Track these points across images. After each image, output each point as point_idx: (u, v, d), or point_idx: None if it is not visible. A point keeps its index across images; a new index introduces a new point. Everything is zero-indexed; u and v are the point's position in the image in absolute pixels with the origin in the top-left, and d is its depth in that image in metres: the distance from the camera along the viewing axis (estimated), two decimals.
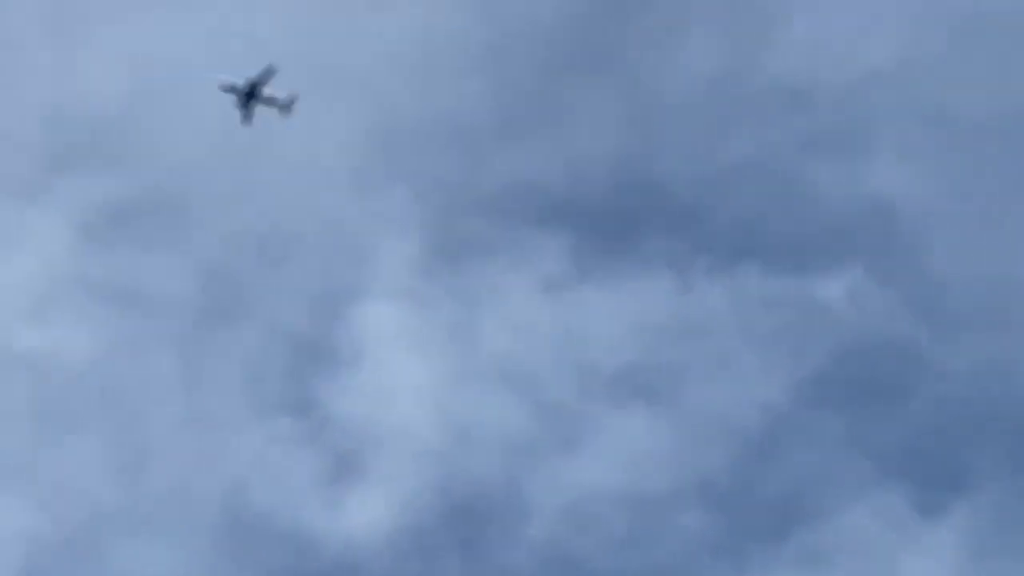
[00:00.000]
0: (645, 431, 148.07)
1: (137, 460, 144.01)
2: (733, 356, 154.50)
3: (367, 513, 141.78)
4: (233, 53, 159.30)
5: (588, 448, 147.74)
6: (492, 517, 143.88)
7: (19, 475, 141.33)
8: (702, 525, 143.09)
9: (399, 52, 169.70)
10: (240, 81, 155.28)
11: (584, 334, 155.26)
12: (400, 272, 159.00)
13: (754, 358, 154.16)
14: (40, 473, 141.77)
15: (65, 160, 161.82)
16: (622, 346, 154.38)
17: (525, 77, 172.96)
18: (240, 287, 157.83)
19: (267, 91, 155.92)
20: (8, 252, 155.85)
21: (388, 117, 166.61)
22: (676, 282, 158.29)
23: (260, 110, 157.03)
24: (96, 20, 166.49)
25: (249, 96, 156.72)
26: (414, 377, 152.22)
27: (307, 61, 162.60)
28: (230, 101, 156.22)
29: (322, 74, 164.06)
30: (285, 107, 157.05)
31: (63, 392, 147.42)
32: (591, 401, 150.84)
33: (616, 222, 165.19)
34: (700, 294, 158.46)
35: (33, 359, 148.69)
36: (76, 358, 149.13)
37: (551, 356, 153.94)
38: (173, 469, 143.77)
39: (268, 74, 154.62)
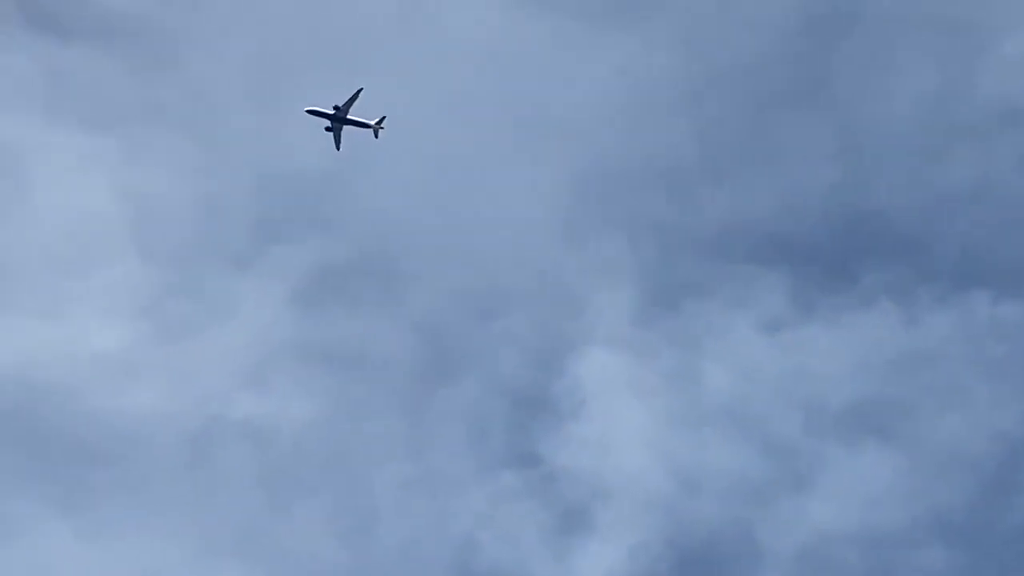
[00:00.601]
0: (877, 468, 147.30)
1: (364, 522, 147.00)
2: (965, 386, 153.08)
3: (597, 565, 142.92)
4: (438, 110, 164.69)
5: (819, 488, 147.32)
6: (725, 563, 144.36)
7: (247, 542, 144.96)
8: (943, 563, 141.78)
9: (603, 98, 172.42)
10: (327, 108, 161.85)
11: (808, 372, 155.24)
12: (617, 319, 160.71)
13: (987, 387, 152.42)
14: (268, 539, 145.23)
15: (275, 227, 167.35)
16: (848, 382, 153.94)
17: (731, 115, 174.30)
18: (457, 344, 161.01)
19: (354, 115, 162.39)
20: (224, 320, 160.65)
21: (595, 163, 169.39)
22: (901, 314, 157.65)
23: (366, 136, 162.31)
24: (299, 85, 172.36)
25: (337, 120, 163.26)
26: (637, 425, 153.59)
27: (513, 111, 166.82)
28: (319, 125, 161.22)
29: (527, 123, 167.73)
30: (374, 129, 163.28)
31: (286, 458, 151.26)
32: (820, 440, 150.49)
33: (834, 256, 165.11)
34: (927, 325, 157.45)
35: (254, 426, 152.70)
36: (297, 423, 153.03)
37: (776, 396, 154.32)
38: (401, 529, 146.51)
39: (354, 99, 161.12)
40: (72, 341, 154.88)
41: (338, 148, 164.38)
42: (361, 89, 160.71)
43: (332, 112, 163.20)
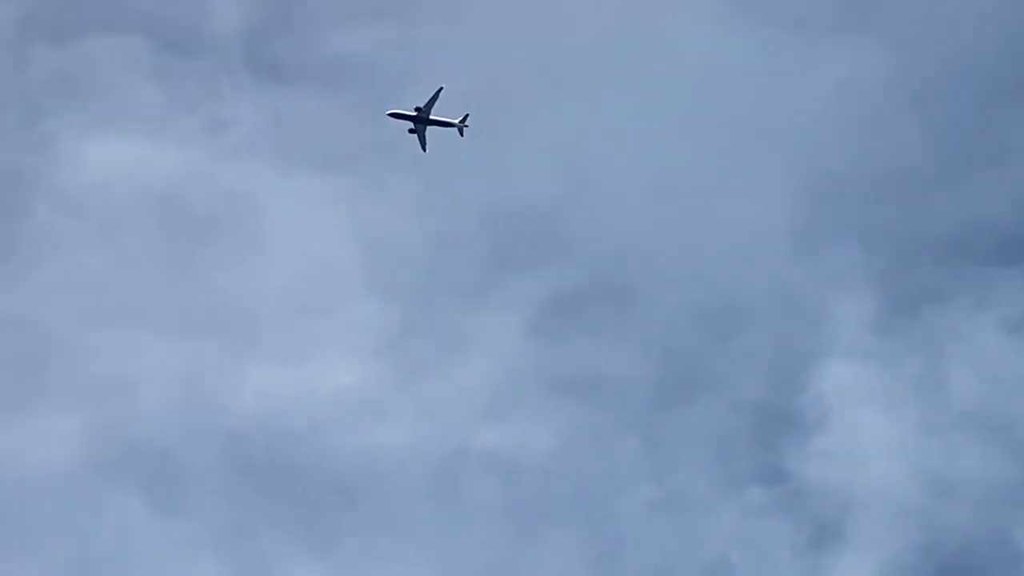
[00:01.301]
0: None
1: (612, 548, 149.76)
2: None
3: None
4: (659, 127, 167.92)
5: None
6: (982, 571, 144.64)
7: (497, 573, 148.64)
8: None
9: (827, 105, 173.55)
10: (409, 109, 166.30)
11: None
12: (857, 329, 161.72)
13: None
14: (517, 569, 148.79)
15: (507, 257, 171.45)
16: None
17: (960, 115, 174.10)
18: (696, 363, 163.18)
19: (436, 115, 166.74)
20: (462, 353, 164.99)
21: (823, 171, 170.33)
22: None
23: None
24: (520, 114, 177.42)
25: (420, 121, 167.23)
26: (884, 434, 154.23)
27: (735, 124, 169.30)
28: (403, 128, 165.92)
29: (750, 136, 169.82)
30: (459, 127, 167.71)
31: (531, 487, 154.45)
32: None
33: None
34: None
35: (497, 457, 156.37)
36: (540, 452, 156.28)
37: None
38: (650, 554, 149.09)
39: (435, 99, 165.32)
40: (315, 382, 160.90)
41: (424, 149, 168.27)
42: (441, 88, 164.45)
43: (414, 114, 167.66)
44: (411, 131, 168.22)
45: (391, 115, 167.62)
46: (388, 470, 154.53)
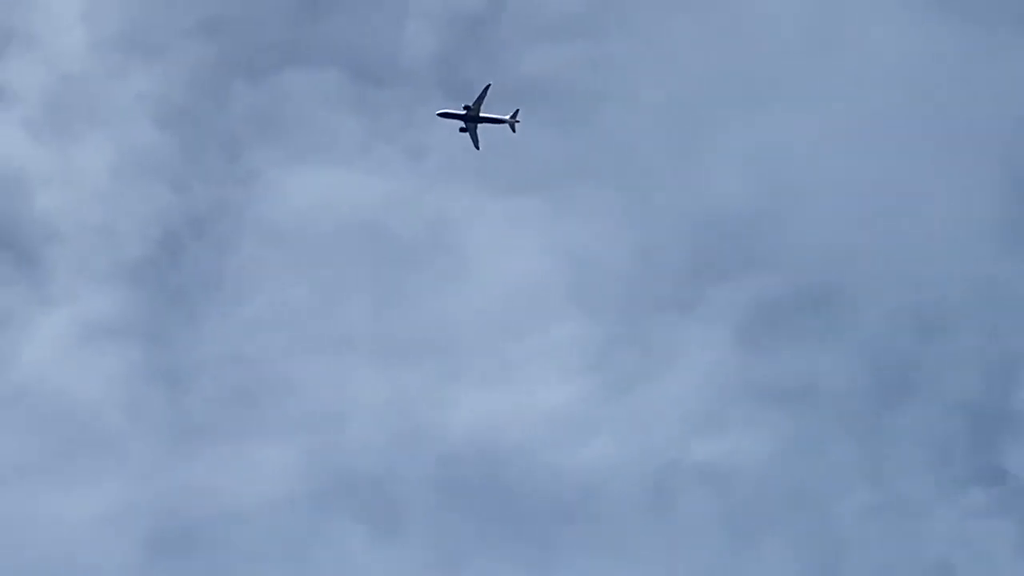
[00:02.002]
0: None
1: (832, 555, 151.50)
2: None
3: None
4: (857, 131, 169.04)
5: None
6: None
7: None
8: None
9: None
10: (459, 109, 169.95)
11: None
12: None
13: None
14: None
15: (711, 267, 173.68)
16: None
17: None
18: (908, 365, 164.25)
19: (486, 112, 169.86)
20: (671, 366, 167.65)
21: None
22: None
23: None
24: (713, 125, 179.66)
25: (470, 120, 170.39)
26: None
27: (934, 123, 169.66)
28: (453, 128, 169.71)
29: (951, 133, 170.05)
30: (510, 124, 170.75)
31: (747, 497, 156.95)
32: None
33: None
34: None
35: (712, 469, 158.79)
36: (754, 461, 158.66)
37: None
38: (871, 558, 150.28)
39: (483, 96, 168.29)
40: (524, 402, 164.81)
41: (477, 147, 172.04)
42: (489, 85, 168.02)
43: (464, 112, 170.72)
44: (462, 130, 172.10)
45: (441, 115, 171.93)
46: (602, 486, 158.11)
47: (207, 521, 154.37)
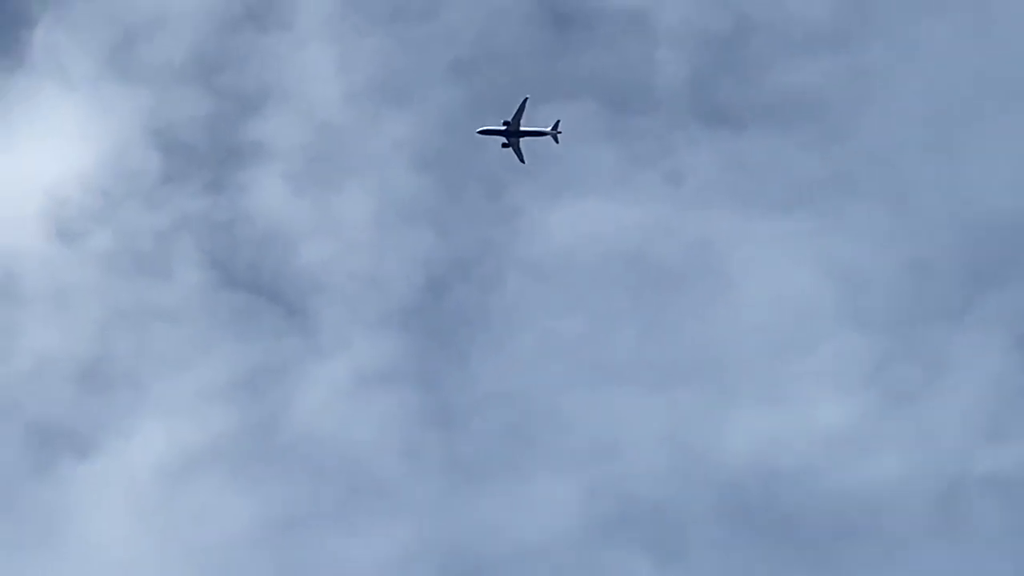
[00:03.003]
0: None
1: None
2: None
3: None
4: None
5: None
6: None
7: None
8: None
9: None
10: (498, 125, 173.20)
11: None
12: None
13: None
14: None
15: (985, 275, 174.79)
16: None
17: None
18: None
19: (526, 126, 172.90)
20: (948, 376, 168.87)
21: None
22: None
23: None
24: (984, 127, 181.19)
25: (511, 135, 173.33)
26: None
27: None
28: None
29: None
30: (553, 135, 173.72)
31: None
32: None
33: None
34: None
35: (1000, 480, 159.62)
36: None
37: None
38: None
39: (522, 109, 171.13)
40: (802, 421, 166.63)
41: (523, 161, 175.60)
42: (527, 98, 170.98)
43: (504, 128, 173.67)
44: (504, 146, 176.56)
45: (481, 132, 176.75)
46: (886, 504, 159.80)
47: (491, 560, 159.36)
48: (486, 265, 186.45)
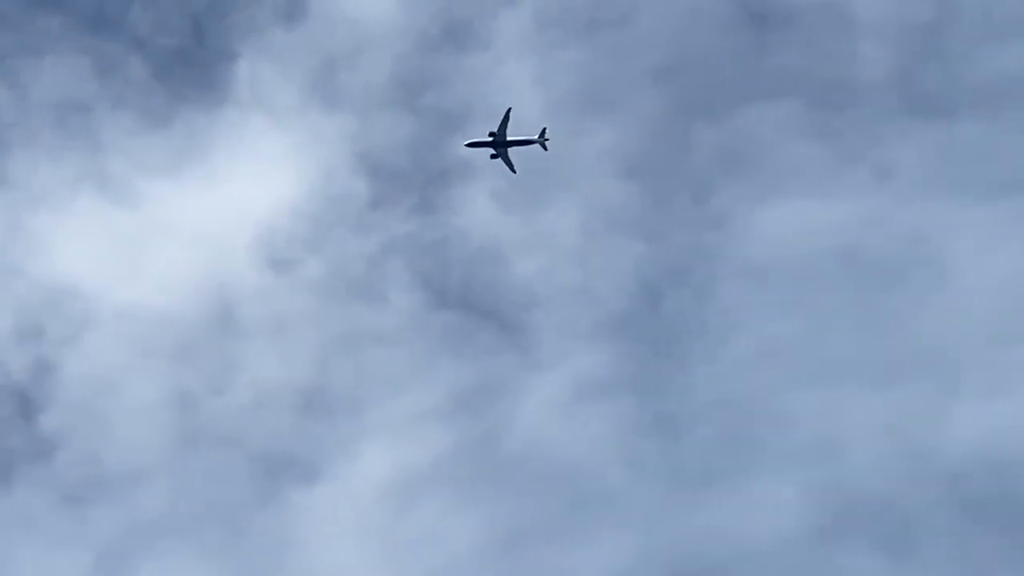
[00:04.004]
0: None
1: None
2: None
3: None
4: None
5: None
6: None
7: None
8: None
9: None
10: (483, 137, 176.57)
11: None
12: None
13: None
14: None
15: None
16: None
17: None
18: None
19: (512, 135, 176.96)
20: None
21: None
22: None
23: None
24: None
25: (498, 145, 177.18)
26: None
27: None
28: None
29: None
30: (540, 143, 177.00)
31: None
32: None
33: None
34: None
35: None
36: None
37: None
38: None
39: (506, 120, 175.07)
40: None
41: (513, 171, 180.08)
42: (510, 109, 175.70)
43: (490, 139, 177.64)
44: (493, 157, 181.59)
45: (468, 145, 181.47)
46: None
47: (717, 565, 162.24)
48: (698, 270, 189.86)
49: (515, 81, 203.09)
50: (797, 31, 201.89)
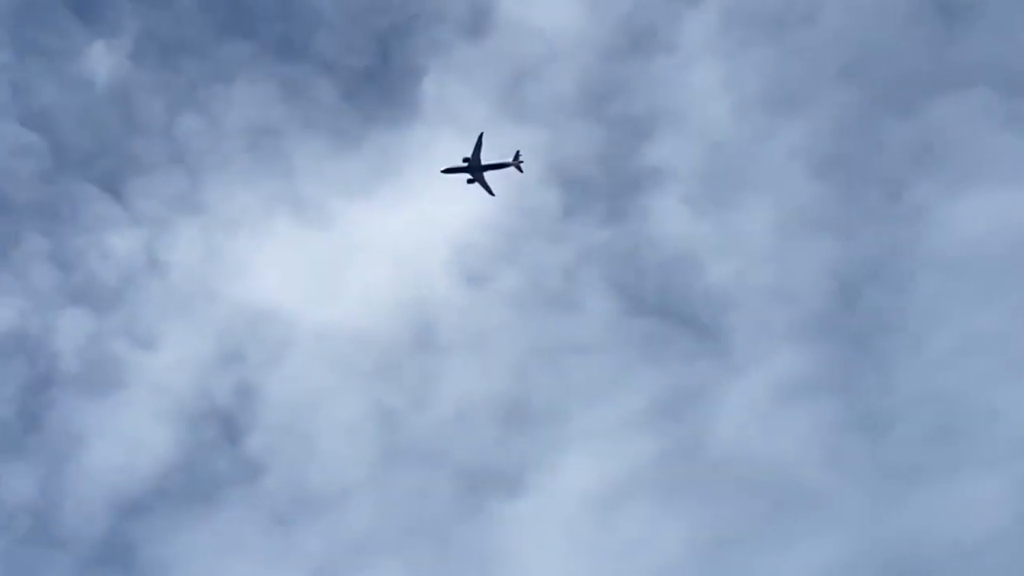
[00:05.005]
0: None
1: None
2: None
3: None
4: None
5: None
6: None
7: None
8: None
9: None
10: (458, 162, 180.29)
11: None
12: None
13: None
14: None
15: None
16: None
17: None
18: None
19: (487, 159, 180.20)
20: None
21: None
22: None
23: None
24: None
25: (473, 170, 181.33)
26: None
27: None
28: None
29: None
30: (515, 166, 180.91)
31: None
32: None
33: None
34: None
35: None
36: None
37: None
38: None
39: (479, 145, 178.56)
40: None
41: (492, 194, 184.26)
42: (482, 133, 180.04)
43: (465, 165, 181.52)
44: (470, 182, 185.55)
45: (445, 171, 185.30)
46: None
47: (928, 563, 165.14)
48: (895, 266, 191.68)
49: (703, 84, 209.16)
50: (985, 19, 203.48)
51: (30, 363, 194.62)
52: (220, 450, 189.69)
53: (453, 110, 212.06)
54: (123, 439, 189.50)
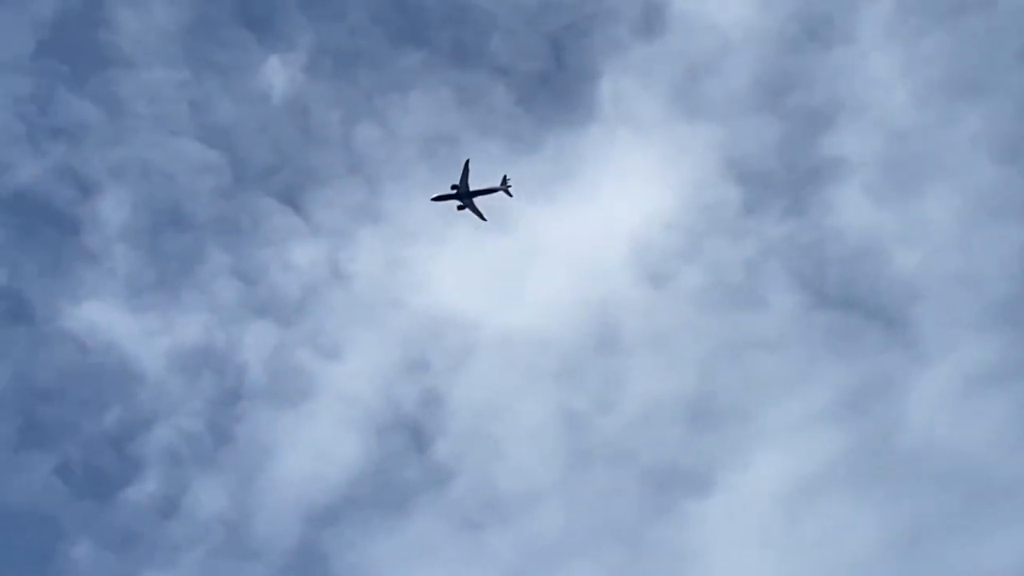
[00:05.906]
0: None
1: None
2: None
3: None
4: None
5: None
6: None
7: None
8: None
9: None
10: (447, 190, 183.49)
11: None
12: None
13: None
14: None
15: None
16: None
17: None
18: None
19: (475, 186, 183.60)
20: None
21: None
22: None
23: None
24: None
25: (463, 196, 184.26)
26: None
27: None
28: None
29: None
30: (503, 190, 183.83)
31: None
32: None
33: None
34: None
35: None
36: None
37: None
38: None
39: (466, 171, 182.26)
40: None
41: (484, 219, 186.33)
42: (468, 159, 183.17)
43: (454, 192, 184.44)
44: (460, 208, 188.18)
45: (435, 199, 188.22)
46: None
47: None
48: None
49: (881, 73, 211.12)
50: None
51: (218, 377, 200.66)
52: (408, 457, 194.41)
53: (629, 109, 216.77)
54: (312, 449, 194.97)
